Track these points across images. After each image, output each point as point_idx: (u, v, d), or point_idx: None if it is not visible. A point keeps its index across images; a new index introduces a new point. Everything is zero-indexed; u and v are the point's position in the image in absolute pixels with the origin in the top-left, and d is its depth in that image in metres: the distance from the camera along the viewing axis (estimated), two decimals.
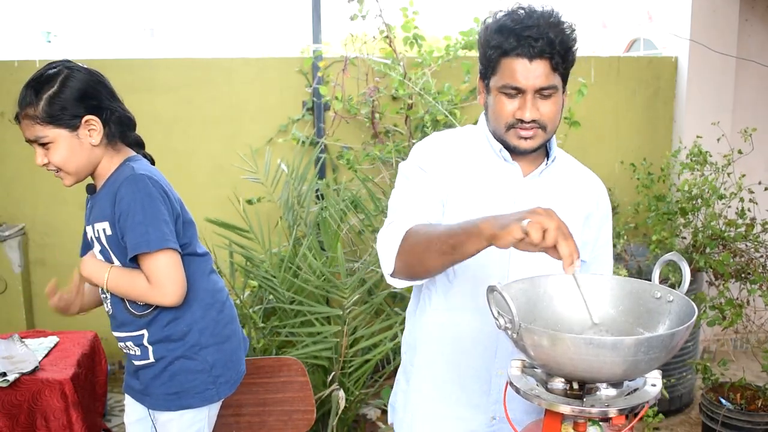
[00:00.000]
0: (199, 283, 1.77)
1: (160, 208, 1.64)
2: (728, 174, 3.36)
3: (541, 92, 1.37)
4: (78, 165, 1.66)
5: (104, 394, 2.79)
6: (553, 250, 1.07)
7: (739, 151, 3.39)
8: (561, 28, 1.36)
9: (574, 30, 1.39)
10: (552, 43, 1.34)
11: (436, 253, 1.23)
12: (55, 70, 1.63)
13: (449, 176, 1.46)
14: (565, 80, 1.42)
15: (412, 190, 1.45)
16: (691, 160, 3.40)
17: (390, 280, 1.38)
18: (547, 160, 1.50)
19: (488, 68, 1.41)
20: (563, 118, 3.52)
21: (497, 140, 1.47)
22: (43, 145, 1.63)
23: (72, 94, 1.62)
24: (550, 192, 1.50)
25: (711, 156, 3.41)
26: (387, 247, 1.35)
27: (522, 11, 1.37)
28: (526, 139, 1.41)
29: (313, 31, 3.73)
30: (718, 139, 3.55)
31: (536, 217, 1.05)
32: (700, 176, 3.39)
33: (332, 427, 2.47)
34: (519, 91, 1.37)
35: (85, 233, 1.80)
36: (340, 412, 2.46)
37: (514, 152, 1.45)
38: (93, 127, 1.66)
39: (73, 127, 1.63)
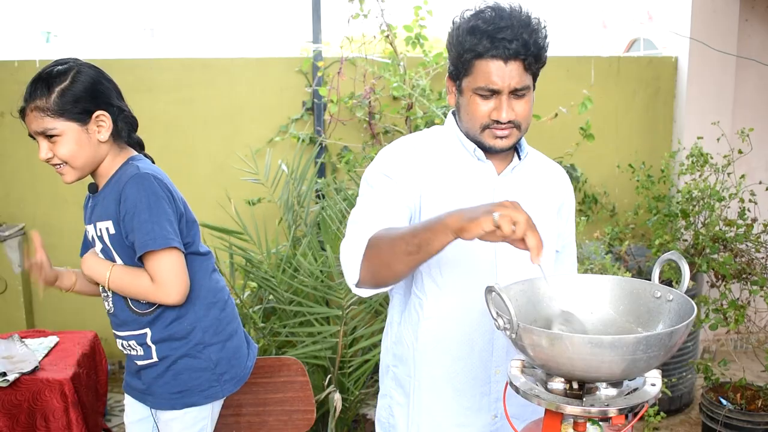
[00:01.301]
0: (202, 281, 1.77)
1: (165, 208, 1.64)
2: (728, 174, 3.36)
3: (516, 92, 1.38)
4: (84, 160, 1.66)
5: (105, 394, 2.79)
6: (519, 241, 1.09)
7: (740, 151, 3.39)
8: (534, 28, 1.36)
9: (545, 28, 1.39)
10: (526, 45, 1.34)
11: (402, 254, 1.23)
12: (65, 66, 1.64)
13: (421, 180, 1.44)
14: (535, 78, 1.43)
15: (375, 198, 1.43)
16: (692, 162, 3.40)
17: (356, 290, 1.36)
18: (519, 156, 1.51)
19: (461, 69, 1.41)
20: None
21: (470, 140, 1.47)
22: (50, 137, 1.62)
23: (84, 88, 1.63)
24: (524, 187, 1.51)
25: (712, 158, 3.41)
26: (350, 257, 1.33)
27: (490, 11, 1.37)
28: (502, 138, 1.41)
29: (313, 31, 3.73)
30: (718, 139, 3.54)
31: (505, 211, 1.08)
32: (700, 177, 3.38)
33: (331, 429, 2.47)
34: (494, 93, 1.38)
35: (86, 232, 1.80)
36: (337, 414, 2.45)
37: (489, 151, 1.46)
38: (102, 123, 1.66)
39: (84, 121, 1.64)
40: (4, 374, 2.29)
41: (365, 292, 1.37)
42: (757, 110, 4.14)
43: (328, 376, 2.65)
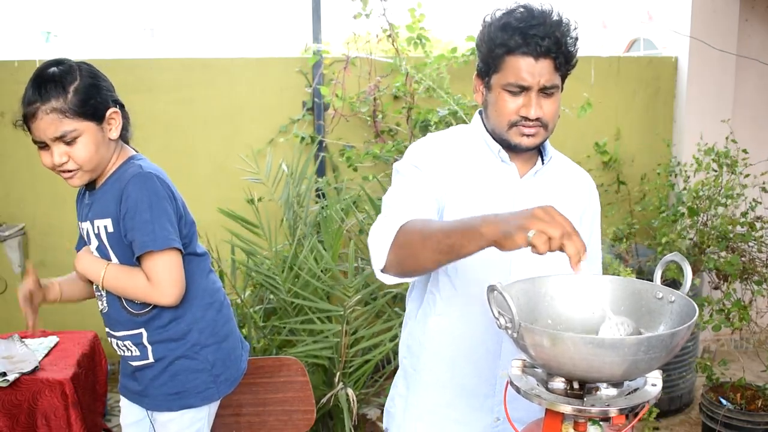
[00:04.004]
0: (199, 282, 1.76)
1: (166, 207, 1.63)
2: (736, 173, 3.34)
3: (545, 91, 1.38)
4: (99, 161, 1.62)
5: (104, 393, 2.79)
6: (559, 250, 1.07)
7: (744, 151, 3.37)
8: (565, 28, 1.37)
9: (576, 31, 1.39)
10: (558, 43, 1.35)
11: (431, 251, 1.22)
12: (66, 65, 1.59)
13: (445, 177, 1.45)
14: (563, 81, 1.43)
15: (406, 186, 1.43)
16: (713, 159, 3.37)
17: (380, 276, 1.35)
18: (542, 160, 1.51)
19: (491, 66, 1.41)
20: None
21: (496, 139, 1.46)
22: (68, 142, 1.57)
23: (96, 85, 1.61)
24: (547, 191, 1.50)
25: (727, 157, 3.37)
26: (379, 242, 1.32)
27: (522, 9, 1.37)
28: (528, 136, 1.41)
29: (313, 31, 3.73)
30: (727, 138, 3.51)
31: (539, 225, 1.04)
32: (715, 175, 3.35)
33: (349, 428, 2.46)
34: (523, 89, 1.37)
35: (80, 229, 1.78)
36: (354, 412, 2.45)
37: (514, 150, 1.45)
38: (113, 121, 1.64)
39: (100, 119, 1.61)
40: (4, 374, 2.29)
41: (389, 279, 1.36)
42: (757, 110, 4.14)
43: (336, 374, 2.64)
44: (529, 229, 1.04)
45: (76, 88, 1.56)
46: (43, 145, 1.60)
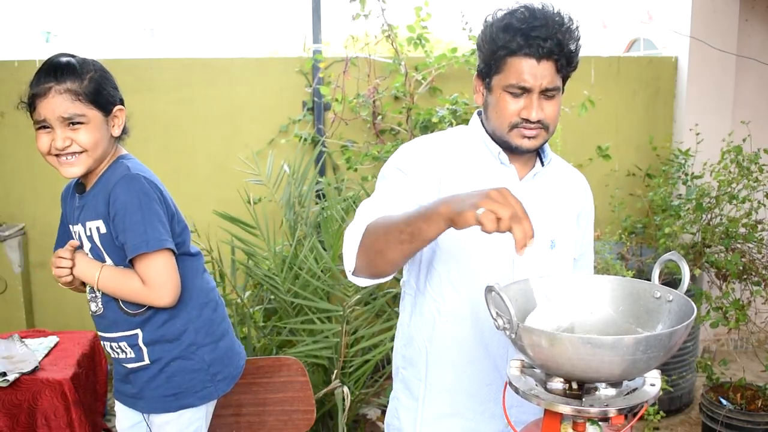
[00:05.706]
0: (194, 282, 1.75)
1: (156, 208, 1.62)
2: (751, 177, 3.33)
3: (546, 93, 1.37)
4: (101, 152, 1.63)
5: (104, 393, 2.79)
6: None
7: (763, 153, 3.35)
8: (569, 31, 1.36)
9: (579, 32, 1.39)
10: (560, 45, 1.34)
11: (395, 243, 1.21)
12: (79, 57, 1.62)
13: (439, 181, 1.43)
14: (564, 82, 1.42)
15: (385, 190, 1.42)
16: (731, 159, 3.36)
17: (352, 278, 1.34)
18: (542, 162, 1.50)
19: (492, 67, 1.40)
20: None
21: (496, 141, 1.45)
22: (74, 124, 1.56)
23: (109, 80, 1.63)
24: (545, 194, 1.49)
25: (754, 162, 3.35)
26: (349, 244, 1.32)
27: (524, 9, 1.36)
28: (529, 138, 1.40)
29: (313, 31, 3.73)
30: (744, 140, 3.50)
31: (490, 204, 1.05)
32: (730, 174, 3.35)
33: (342, 426, 2.46)
34: (525, 91, 1.37)
35: (61, 231, 1.77)
36: (347, 409, 2.45)
37: (514, 152, 1.45)
38: (118, 117, 1.65)
39: (108, 111, 1.62)
40: (4, 374, 2.29)
41: (362, 282, 1.34)
42: (757, 110, 4.14)
43: (334, 372, 2.64)
44: (480, 207, 1.05)
45: (91, 77, 1.59)
46: (43, 128, 1.59)
